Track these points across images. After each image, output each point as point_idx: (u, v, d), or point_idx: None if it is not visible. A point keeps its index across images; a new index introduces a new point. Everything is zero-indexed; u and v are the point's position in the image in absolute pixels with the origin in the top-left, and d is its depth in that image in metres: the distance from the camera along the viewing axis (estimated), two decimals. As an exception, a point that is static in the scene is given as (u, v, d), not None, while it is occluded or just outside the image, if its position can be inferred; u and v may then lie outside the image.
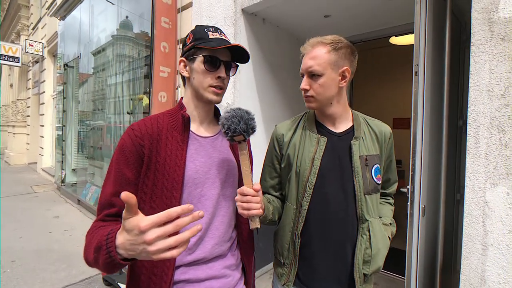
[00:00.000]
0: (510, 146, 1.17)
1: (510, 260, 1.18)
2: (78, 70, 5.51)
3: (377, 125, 1.07)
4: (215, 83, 0.87)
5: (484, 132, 1.23)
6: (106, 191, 0.81)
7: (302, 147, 1.02)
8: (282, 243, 1.04)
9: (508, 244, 1.18)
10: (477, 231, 1.25)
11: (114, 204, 0.79)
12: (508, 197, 1.18)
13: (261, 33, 2.56)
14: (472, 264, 1.27)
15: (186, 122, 0.88)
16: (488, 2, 1.22)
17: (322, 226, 0.98)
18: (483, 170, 1.23)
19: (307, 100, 0.99)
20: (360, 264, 0.96)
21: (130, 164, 0.81)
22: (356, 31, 2.72)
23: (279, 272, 1.07)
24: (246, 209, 0.81)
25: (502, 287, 1.20)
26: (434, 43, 1.56)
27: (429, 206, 1.58)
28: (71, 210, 4.86)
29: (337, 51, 0.94)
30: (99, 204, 0.81)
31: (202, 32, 0.88)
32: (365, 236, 0.96)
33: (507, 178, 1.18)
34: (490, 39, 1.22)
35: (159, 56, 2.67)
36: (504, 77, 1.18)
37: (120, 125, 4.14)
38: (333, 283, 0.98)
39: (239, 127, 0.79)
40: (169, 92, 2.79)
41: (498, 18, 1.20)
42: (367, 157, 0.99)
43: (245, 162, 0.83)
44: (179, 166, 0.83)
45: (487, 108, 1.22)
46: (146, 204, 0.82)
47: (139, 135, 0.83)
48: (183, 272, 0.83)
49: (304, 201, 0.98)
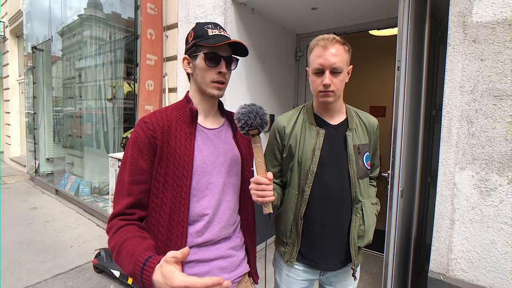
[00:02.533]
0: (476, 135, 1.36)
1: (472, 232, 1.39)
2: (50, 54, 5.18)
3: (366, 117, 1.19)
4: (216, 79, 0.92)
5: (455, 123, 1.40)
6: (124, 180, 0.87)
7: (303, 138, 1.12)
8: (285, 225, 1.16)
9: (471, 219, 1.39)
10: (447, 208, 1.45)
11: (131, 193, 0.85)
12: (473, 179, 1.38)
13: (250, 23, 2.58)
14: (441, 237, 1.47)
15: (194, 115, 0.94)
16: (463, 7, 1.37)
17: (322, 208, 1.10)
18: (453, 156, 1.42)
19: (327, 95, 1.05)
20: (355, 238, 1.10)
21: (144, 155, 0.87)
22: (341, 23, 2.83)
23: (281, 251, 1.19)
24: (261, 196, 0.89)
25: (465, 254, 1.41)
26: (414, 40, 1.70)
27: (406, 188, 1.77)
28: (50, 201, 4.70)
29: (348, 51, 1.05)
30: (117, 193, 0.86)
31: (202, 29, 0.92)
32: (359, 214, 1.10)
33: (473, 163, 1.37)
34: (463, 41, 1.37)
35: (145, 44, 2.62)
36: (474, 75, 1.35)
37: (102, 112, 4.02)
38: (332, 257, 1.12)
39: (256, 122, 0.86)
40: (156, 80, 2.76)
41: (471, 22, 1.35)
42: (359, 146, 1.12)
43: (258, 154, 0.90)
44: (188, 157, 0.89)
45: (459, 102, 1.39)
46: (160, 191, 0.89)
47: (152, 127, 0.88)
48: (193, 253, 0.91)
49: (306, 187, 1.09)
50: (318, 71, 1.04)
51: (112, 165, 2.84)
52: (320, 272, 1.17)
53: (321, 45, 1.03)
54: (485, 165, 1.34)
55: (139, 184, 0.87)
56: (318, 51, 1.03)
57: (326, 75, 1.01)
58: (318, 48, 1.04)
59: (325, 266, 1.14)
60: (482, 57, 1.33)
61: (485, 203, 1.35)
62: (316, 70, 1.04)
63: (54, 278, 2.57)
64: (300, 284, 1.19)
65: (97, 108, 4.05)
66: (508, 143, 1.29)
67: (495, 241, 1.34)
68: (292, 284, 1.19)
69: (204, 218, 0.93)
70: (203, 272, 0.92)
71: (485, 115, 1.33)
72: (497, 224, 1.33)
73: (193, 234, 0.91)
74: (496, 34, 1.30)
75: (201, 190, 0.92)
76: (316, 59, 1.03)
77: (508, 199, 1.30)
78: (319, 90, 1.05)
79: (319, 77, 1.04)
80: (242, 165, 1.03)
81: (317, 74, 1.05)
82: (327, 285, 1.23)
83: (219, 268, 0.95)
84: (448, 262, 1.46)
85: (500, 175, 1.31)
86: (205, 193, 0.93)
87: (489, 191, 1.34)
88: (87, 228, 3.68)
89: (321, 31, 3.00)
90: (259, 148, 0.89)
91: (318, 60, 1.02)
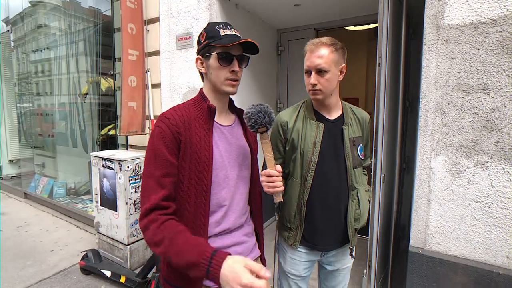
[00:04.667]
0: (448, 125, 1.54)
1: (445, 209, 1.59)
2: (9, 46, 4.76)
3: (359, 112, 1.32)
4: (230, 77, 0.96)
5: (431, 115, 1.58)
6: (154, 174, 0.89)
7: (304, 132, 1.22)
8: (289, 212, 1.26)
9: (444, 198, 1.59)
10: (424, 190, 1.64)
11: (164, 185, 0.88)
12: (446, 163, 1.57)
13: (234, 19, 2.61)
14: (420, 215, 1.66)
15: (212, 112, 0.99)
16: (436, 10, 1.53)
17: (322, 195, 1.21)
18: (430, 144, 1.60)
19: (315, 93, 1.18)
20: (352, 221, 1.23)
21: (170, 150, 0.91)
22: (320, 19, 2.95)
23: (285, 235, 1.29)
24: (272, 187, 0.98)
25: (439, 229, 1.62)
26: (392, 38, 1.86)
27: (387, 174, 1.96)
28: (18, 205, 4.41)
29: (337, 51, 1.14)
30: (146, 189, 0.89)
31: (213, 30, 0.96)
32: (355, 200, 1.23)
33: (446, 149, 1.56)
34: (437, 41, 1.54)
35: (127, 39, 2.55)
36: (446, 71, 1.53)
37: (77, 109, 3.81)
38: (332, 238, 1.25)
39: (265, 120, 0.94)
40: (139, 76, 2.71)
41: (443, 24, 1.51)
42: (354, 138, 1.24)
43: (268, 149, 0.98)
44: (208, 152, 0.94)
45: (434, 96, 1.57)
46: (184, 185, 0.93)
47: (175, 123, 0.92)
48: (211, 242, 0.97)
49: (308, 176, 1.20)
50: (306, 72, 1.18)
51: (95, 164, 2.75)
52: (321, 253, 1.29)
53: (308, 49, 1.17)
54: (455, 151, 1.54)
55: (170, 177, 0.90)
56: (307, 54, 1.17)
57: (312, 76, 1.15)
58: (307, 52, 1.17)
59: (326, 247, 1.26)
60: (452, 55, 1.51)
61: (456, 184, 1.55)
62: (305, 71, 1.18)
63: (38, 284, 2.48)
64: (303, 265, 1.30)
65: (71, 105, 3.84)
66: (474, 131, 1.49)
67: (464, 216, 1.55)
68: (296, 266, 1.30)
69: (222, 209, 0.99)
70: None
71: (455, 107, 1.52)
72: (466, 201, 1.54)
73: (212, 225, 0.98)
74: (464, 35, 1.48)
75: (219, 183, 0.98)
76: (306, 61, 1.17)
77: (475, 179, 1.51)
78: (309, 89, 1.19)
79: (308, 77, 1.17)
80: (252, 160, 1.10)
81: (307, 74, 1.18)
82: (326, 264, 1.35)
83: (236, 253, 1.03)
84: (425, 237, 1.66)
85: (468, 159, 1.51)
86: (223, 186, 0.99)
87: (459, 173, 1.54)
88: (66, 230, 3.54)
89: (301, 26, 3.10)
90: (268, 144, 0.97)
91: (306, 62, 1.17)
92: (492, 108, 1.45)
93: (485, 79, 1.45)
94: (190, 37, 2.52)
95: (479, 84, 1.46)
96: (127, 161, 2.50)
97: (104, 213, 2.76)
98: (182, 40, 2.56)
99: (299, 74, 3.23)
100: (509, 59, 1.40)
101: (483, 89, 1.46)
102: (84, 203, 3.96)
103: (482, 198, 1.50)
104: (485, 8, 1.43)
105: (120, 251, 2.69)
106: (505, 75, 1.41)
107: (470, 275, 1.54)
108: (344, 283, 1.37)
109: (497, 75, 1.43)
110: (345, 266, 1.33)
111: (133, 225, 2.61)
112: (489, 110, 1.46)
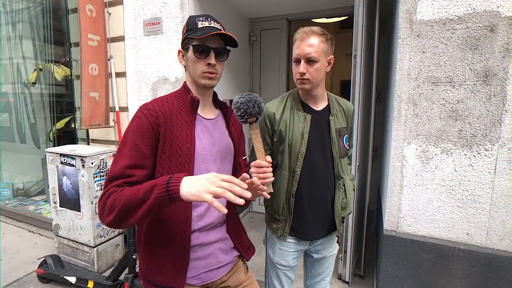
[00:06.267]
0: (419, 115, 1.65)
1: (415, 194, 1.72)
2: None
3: (344, 103, 1.34)
4: (206, 70, 0.94)
5: (404, 105, 1.67)
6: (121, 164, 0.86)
7: (292, 123, 1.21)
8: (278, 203, 1.25)
9: (415, 183, 1.71)
10: (397, 177, 1.74)
11: (131, 175, 0.85)
12: (416, 151, 1.68)
13: (206, 5, 2.49)
14: (393, 200, 1.77)
15: (196, 104, 0.96)
16: (410, 5, 1.60)
17: (310, 186, 1.22)
18: (402, 133, 1.70)
19: (303, 82, 1.16)
20: (339, 210, 1.26)
21: (146, 141, 0.88)
22: (295, 10, 2.94)
23: (274, 227, 1.29)
24: (262, 178, 0.94)
25: (410, 212, 1.74)
26: (367, 32, 1.92)
27: (361, 163, 2.05)
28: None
29: (327, 42, 1.13)
30: (112, 175, 0.85)
31: (193, 22, 0.94)
32: (341, 189, 1.26)
33: (417, 138, 1.67)
34: (410, 35, 1.62)
35: (85, 21, 2.29)
36: (418, 64, 1.62)
37: (25, 100, 3.36)
38: (319, 227, 1.27)
39: (254, 110, 0.90)
40: (101, 63, 2.46)
41: (416, 19, 1.60)
42: (340, 129, 1.26)
43: (257, 139, 0.95)
44: (190, 144, 0.92)
45: (407, 88, 1.66)
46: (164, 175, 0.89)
47: (155, 114, 0.89)
48: (195, 238, 0.95)
49: (297, 167, 1.20)
50: (296, 61, 1.16)
51: (51, 161, 2.47)
52: (309, 242, 1.31)
53: (299, 37, 1.14)
54: (425, 139, 1.65)
55: (139, 169, 0.87)
56: (297, 42, 1.15)
57: (301, 64, 1.13)
58: (297, 40, 1.15)
59: (313, 236, 1.28)
60: (423, 49, 1.60)
61: (425, 170, 1.68)
62: (294, 59, 1.16)
63: (-13, 298, 2.19)
64: (292, 255, 1.31)
65: (16, 95, 3.38)
66: (441, 120, 1.61)
67: (432, 199, 1.68)
68: (285, 256, 1.31)
69: (204, 203, 0.96)
70: (206, 254, 0.98)
71: (426, 99, 1.63)
72: (433, 185, 1.67)
73: (195, 218, 0.96)
74: (434, 31, 1.58)
75: None
76: (295, 49, 1.15)
77: (441, 165, 1.64)
78: (296, 78, 1.17)
79: (297, 66, 1.15)
80: (234, 154, 1.09)
81: (295, 63, 1.16)
82: (313, 253, 1.38)
83: (220, 249, 1.02)
84: (398, 220, 1.77)
85: (436, 146, 1.64)
86: None
87: (428, 160, 1.66)
88: (17, 236, 3.16)
89: (274, 16, 3.07)
90: (258, 134, 0.94)
91: (295, 51, 1.14)
92: (457, 100, 1.58)
93: (451, 73, 1.57)
94: (159, 22, 2.35)
95: (446, 77, 1.58)
96: (91, 156, 2.29)
97: (65, 214, 2.51)
98: (150, 25, 2.38)
99: (271, 64, 3.21)
100: (472, 54, 1.53)
101: (450, 82, 1.58)
102: (36, 204, 3.56)
103: (447, 182, 1.64)
104: (452, 6, 1.53)
105: (85, 254, 2.48)
106: (468, 69, 1.54)
107: (436, 252, 1.69)
108: (330, 269, 1.41)
109: (461, 69, 1.55)
110: (332, 253, 1.37)
111: (99, 226, 2.42)
112: (454, 102, 1.58)
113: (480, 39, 1.50)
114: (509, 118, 1.50)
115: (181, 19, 2.29)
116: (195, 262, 0.95)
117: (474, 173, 1.58)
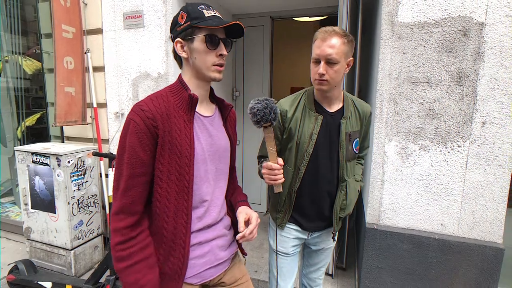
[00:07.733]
0: (399, 113, 1.74)
1: (396, 188, 1.81)
2: None
3: (361, 105, 1.31)
4: (217, 61, 0.91)
5: (385, 104, 1.75)
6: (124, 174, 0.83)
7: (302, 122, 1.22)
8: (280, 196, 1.28)
9: (395, 178, 1.80)
10: (379, 172, 1.82)
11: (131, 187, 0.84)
12: (397, 147, 1.77)
13: None
14: (375, 195, 1.85)
15: (194, 102, 0.91)
16: (391, 8, 1.67)
17: (313, 184, 1.25)
18: (384, 130, 1.78)
19: (321, 83, 1.13)
20: (337, 210, 1.29)
21: (144, 146, 0.83)
22: (278, 8, 2.95)
23: (275, 217, 1.33)
24: (273, 180, 1.00)
25: (390, 206, 1.83)
26: (350, 32, 1.98)
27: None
28: None
29: (349, 43, 1.11)
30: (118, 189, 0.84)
31: (196, 10, 0.88)
32: (343, 191, 1.28)
33: (397, 135, 1.76)
34: (391, 37, 1.69)
35: (59, 11, 2.15)
36: (399, 65, 1.70)
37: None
38: (318, 222, 1.32)
39: (270, 116, 0.93)
40: (77, 57, 2.34)
41: (397, 21, 1.67)
42: (350, 133, 1.25)
43: (271, 143, 0.98)
44: (189, 145, 0.88)
45: (388, 87, 1.73)
46: (164, 181, 0.86)
47: (151, 116, 0.83)
48: (194, 237, 0.94)
49: (301, 166, 1.22)
50: (315, 61, 1.12)
51: (21, 161, 2.31)
52: (308, 233, 1.34)
53: (320, 37, 1.10)
54: (405, 136, 1.74)
55: (142, 176, 0.85)
56: (318, 42, 1.11)
57: (321, 65, 1.10)
58: (318, 39, 1.11)
59: (312, 228, 1.32)
60: (404, 51, 1.69)
61: (404, 165, 1.77)
62: (314, 59, 1.13)
63: (-49, 309, 2.02)
64: (292, 242, 1.34)
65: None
66: (419, 118, 1.71)
67: (410, 193, 1.78)
68: (285, 243, 1.34)
69: (204, 204, 0.96)
70: (205, 252, 0.97)
71: (405, 98, 1.71)
72: (412, 180, 1.77)
73: (195, 220, 0.94)
74: (413, 33, 1.66)
75: (201, 177, 0.94)
76: (315, 49, 1.11)
77: (419, 161, 1.74)
78: (315, 78, 1.14)
79: (316, 66, 1.12)
80: (231, 152, 1.08)
81: (315, 63, 1.13)
82: (312, 245, 1.41)
83: (218, 246, 1.01)
84: (379, 214, 1.86)
85: (414, 143, 1.74)
86: (204, 180, 0.95)
87: (407, 156, 1.76)
88: (-19, 242, 2.93)
89: (258, 13, 3.07)
90: (271, 138, 0.97)
91: (316, 51, 1.11)
92: (434, 99, 1.68)
93: (429, 73, 1.67)
94: (140, 15, 2.26)
95: (424, 77, 1.67)
96: (68, 155, 2.17)
97: (37, 216, 2.36)
98: (131, 18, 2.29)
99: (255, 62, 3.21)
100: (447, 56, 1.63)
101: (427, 82, 1.67)
102: (3, 207, 3.32)
103: (424, 176, 1.74)
104: (430, 10, 1.62)
105: (61, 257, 2.35)
106: (444, 70, 1.64)
107: (413, 242, 1.79)
108: (326, 261, 1.46)
109: (438, 70, 1.65)
110: (329, 246, 1.41)
111: (77, 227, 2.30)
112: (431, 101, 1.68)
113: (454, 42, 1.60)
114: (479, 116, 1.62)
115: (164, 13, 2.23)
116: (194, 260, 0.94)
117: (448, 168, 1.69)
